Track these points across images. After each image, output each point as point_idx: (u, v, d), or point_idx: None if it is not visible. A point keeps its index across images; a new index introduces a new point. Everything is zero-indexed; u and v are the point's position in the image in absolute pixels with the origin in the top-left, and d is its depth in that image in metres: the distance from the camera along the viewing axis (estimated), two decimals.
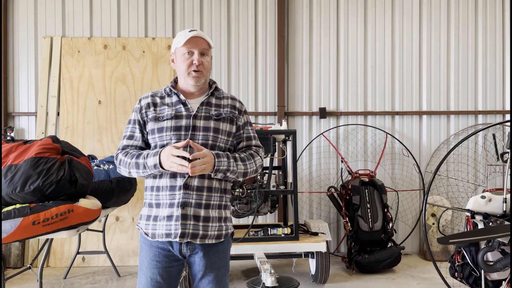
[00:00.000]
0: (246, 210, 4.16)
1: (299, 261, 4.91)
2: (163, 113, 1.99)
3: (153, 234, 1.96)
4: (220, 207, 2.00)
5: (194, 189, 1.92)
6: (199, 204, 1.93)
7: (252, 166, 2.03)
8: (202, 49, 2.00)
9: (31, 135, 5.20)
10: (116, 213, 4.91)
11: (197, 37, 1.99)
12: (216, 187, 1.98)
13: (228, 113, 2.03)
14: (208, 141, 1.96)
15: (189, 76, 1.99)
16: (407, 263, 4.98)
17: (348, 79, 5.48)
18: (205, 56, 2.01)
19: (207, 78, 2.05)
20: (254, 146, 2.11)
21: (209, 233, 1.94)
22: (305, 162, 5.45)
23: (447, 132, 5.54)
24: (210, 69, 2.05)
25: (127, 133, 2.05)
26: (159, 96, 2.05)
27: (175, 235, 1.90)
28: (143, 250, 2.01)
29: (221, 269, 2.02)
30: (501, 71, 5.57)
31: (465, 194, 5.40)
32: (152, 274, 1.96)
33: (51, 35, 5.22)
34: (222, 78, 5.36)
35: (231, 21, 5.41)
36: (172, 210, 1.92)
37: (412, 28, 5.54)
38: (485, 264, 3.35)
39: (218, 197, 1.99)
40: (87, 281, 4.38)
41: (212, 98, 2.06)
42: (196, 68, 1.97)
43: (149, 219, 1.98)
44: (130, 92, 5.13)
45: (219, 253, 2.01)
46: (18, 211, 2.86)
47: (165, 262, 1.96)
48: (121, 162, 2.00)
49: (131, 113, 2.09)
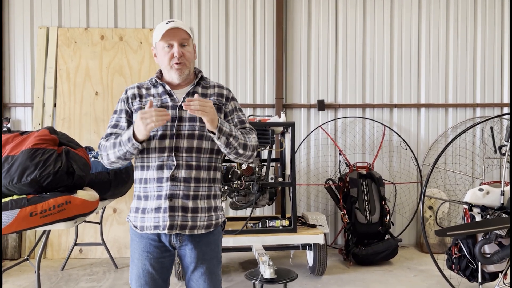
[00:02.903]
0: (244, 202, 4.15)
1: (296, 253, 4.92)
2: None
3: (141, 227, 1.94)
4: (209, 197, 1.98)
5: (182, 180, 1.90)
6: (186, 195, 1.91)
7: (251, 141, 1.99)
8: (181, 40, 1.95)
9: (27, 126, 5.16)
10: (114, 205, 4.90)
11: (174, 29, 1.94)
12: (204, 177, 1.95)
13: (214, 101, 1.99)
14: (194, 131, 1.92)
15: (172, 69, 1.96)
16: (404, 255, 5.00)
17: (347, 72, 5.47)
18: (185, 47, 1.96)
19: (191, 68, 2.01)
20: (248, 129, 2.07)
21: (198, 223, 1.92)
22: (303, 155, 5.44)
23: (445, 125, 5.54)
24: (193, 58, 2.02)
25: (112, 122, 2.02)
26: (145, 88, 2.02)
27: (164, 227, 1.88)
28: (134, 242, 1.99)
29: (213, 261, 2.00)
30: (500, 64, 5.56)
31: (462, 186, 5.42)
32: (144, 265, 1.95)
33: (47, 26, 5.17)
34: (220, 70, 5.33)
35: (229, 12, 5.37)
36: (160, 202, 1.90)
37: (411, 20, 5.52)
38: (482, 256, 3.36)
39: (206, 187, 1.96)
40: (84, 273, 4.38)
41: (198, 87, 2.03)
42: (178, 60, 1.94)
43: (137, 212, 1.96)
44: (127, 84, 5.09)
45: (210, 245, 1.99)
46: (15, 203, 2.85)
47: (156, 253, 1.95)
48: (101, 147, 1.96)
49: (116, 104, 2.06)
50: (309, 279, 4.18)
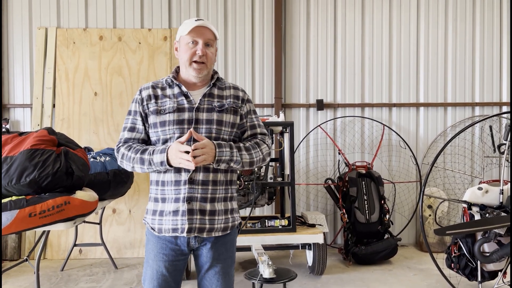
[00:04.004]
0: (244, 202, 4.15)
1: (296, 253, 4.92)
2: (164, 105, 1.93)
3: (159, 229, 1.93)
4: (226, 200, 1.97)
5: (199, 183, 1.89)
6: (204, 198, 1.90)
7: (258, 155, 1.97)
8: (207, 40, 1.94)
9: (26, 127, 5.16)
10: (113, 205, 4.90)
11: (203, 27, 1.93)
12: (221, 180, 1.94)
13: (231, 104, 1.98)
14: (211, 133, 1.91)
15: (190, 66, 1.93)
16: (403, 254, 5.00)
17: (346, 71, 5.47)
18: (209, 47, 1.95)
19: (210, 70, 1.99)
20: (259, 135, 2.05)
21: (216, 226, 1.92)
22: (302, 154, 5.44)
23: (444, 124, 5.55)
24: (214, 61, 1.99)
25: (127, 124, 1.99)
26: (160, 87, 1.99)
27: (182, 230, 1.88)
28: (150, 243, 1.98)
29: (228, 261, 2.00)
30: (498, 63, 5.56)
31: (461, 185, 5.42)
32: (158, 267, 1.94)
33: (46, 26, 5.16)
34: (219, 69, 5.33)
35: (228, 12, 5.37)
36: (178, 205, 1.89)
37: (409, 19, 5.52)
38: (482, 255, 3.37)
39: (223, 189, 1.96)
40: (84, 273, 4.38)
41: (214, 89, 2.00)
42: (199, 59, 1.92)
43: (155, 214, 1.95)
44: (126, 84, 5.09)
45: (226, 244, 1.99)
46: (14, 203, 2.85)
47: (172, 255, 1.94)
48: (124, 156, 1.94)
49: (130, 103, 2.02)
50: (308, 279, 4.18)
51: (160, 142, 1.94)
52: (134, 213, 4.95)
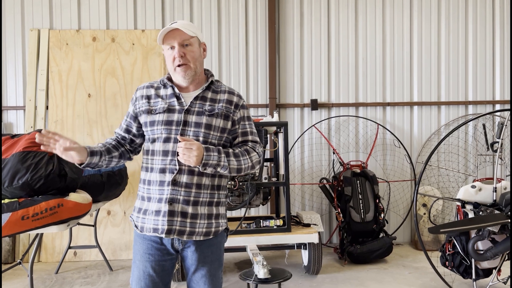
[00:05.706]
0: (238, 202, 4.15)
1: (291, 253, 4.92)
2: (156, 106, 1.95)
3: (142, 227, 1.95)
4: (211, 204, 1.95)
5: (183, 185, 1.88)
6: (187, 200, 1.89)
7: (247, 162, 1.95)
8: (182, 41, 1.92)
9: (19, 129, 5.13)
10: (108, 207, 4.88)
11: (174, 30, 1.92)
12: (206, 184, 1.93)
13: (222, 109, 1.96)
14: (199, 137, 1.90)
15: (175, 71, 1.94)
16: (398, 253, 5.02)
17: (340, 71, 5.48)
18: (188, 47, 1.94)
19: (197, 68, 1.97)
20: (250, 142, 2.03)
21: (197, 230, 1.91)
22: (297, 154, 5.45)
23: (438, 123, 5.57)
24: (198, 57, 1.98)
25: (121, 121, 2.09)
26: (155, 87, 2.01)
27: (162, 230, 1.88)
28: (137, 243, 1.99)
29: (214, 263, 2.00)
30: (491, 62, 5.59)
31: (455, 184, 5.44)
32: (145, 267, 1.94)
33: (39, 28, 5.14)
34: (213, 70, 5.32)
35: (222, 12, 5.37)
36: (160, 205, 1.89)
37: (403, 19, 5.53)
38: (476, 253, 3.38)
39: (208, 194, 1.94)
40: (79, 276, 4.36)
41: (208, 92, 1.99)
42: (179, 61, 1.91)
43: (140, 212, 1.97)
44: (120, 85, 5.07)
45: (212, 247, 1.98)
46: (7, 206, 2.83)
47: (158, 255, 1.94)
48: None
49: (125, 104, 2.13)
50: (304, 278, 4.18)
51: (150, 141, 1.96)
52: (129, 215, 4.93)
